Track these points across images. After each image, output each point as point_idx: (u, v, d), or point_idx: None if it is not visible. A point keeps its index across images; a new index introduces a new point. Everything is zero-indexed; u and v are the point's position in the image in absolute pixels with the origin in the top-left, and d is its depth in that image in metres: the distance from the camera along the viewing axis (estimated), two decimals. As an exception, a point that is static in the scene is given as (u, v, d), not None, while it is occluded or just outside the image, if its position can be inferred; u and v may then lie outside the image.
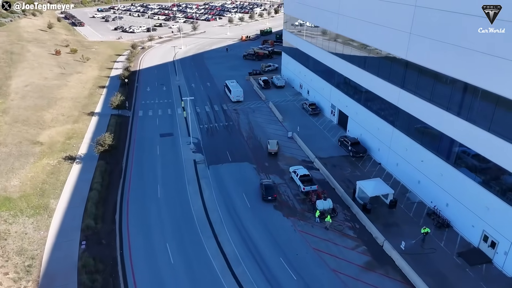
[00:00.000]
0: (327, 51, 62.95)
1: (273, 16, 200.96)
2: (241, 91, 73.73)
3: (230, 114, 68.21)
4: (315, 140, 57.39)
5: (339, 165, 50.60)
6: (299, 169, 46.27)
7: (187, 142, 57.61)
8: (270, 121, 64.98)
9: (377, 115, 50.26)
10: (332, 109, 64.33)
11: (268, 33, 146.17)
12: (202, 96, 78.08)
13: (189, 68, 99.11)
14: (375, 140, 51.25)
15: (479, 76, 33.23)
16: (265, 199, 43.15)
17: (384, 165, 49.71)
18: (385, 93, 47.41)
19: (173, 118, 67.04)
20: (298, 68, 78.42)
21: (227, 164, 51.41)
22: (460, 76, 35.29)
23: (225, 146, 56.47)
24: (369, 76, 50.52)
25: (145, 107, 72.08)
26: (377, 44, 47.87)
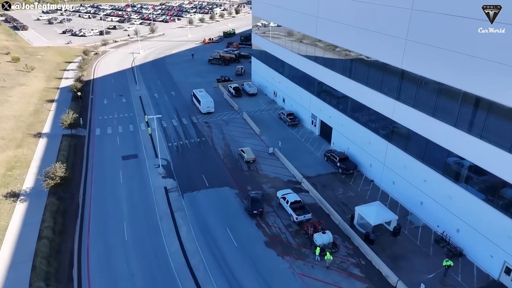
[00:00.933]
0: (305, 56, 57.93)
1: (234, 17, 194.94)
2: (212, 101, 67.15)
3: (201, 128, 61.48)
4: (298, 156, 52.15)
5: (330, 185, 45.63)
6: (289, 195, 40.73)
7: (155, 165, 50.39)
8: (247, 135, 58.99)
9: (367, 128, 45.79)
10: (313, 120, 59.43)
11: (231, 34, 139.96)
12: (168, 107, 70.62)
13: (150, 75, 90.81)
14: (366, 155, 46.78)
15: (488, 87, 29.19)
16: (251, 213, 39.81)
17: (378, 183, 45.35)
18: (378, 105, 42.96)
19: (136, 135, 59.30)
20: (270, 74, 72.97)
21: (204, 190, 44.90)
22: (467, 87, 31.20)
23: (200, 167, 49.84)
24: (357, 86, 45.91)
25: (102, 123, 63.63)
26: (368, 52, 43.26)
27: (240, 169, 49.43)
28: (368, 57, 43.33)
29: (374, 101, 43.56)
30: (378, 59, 41.59)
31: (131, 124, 63.41)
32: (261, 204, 40.69)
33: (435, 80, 34.64)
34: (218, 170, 49.17)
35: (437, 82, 34.47)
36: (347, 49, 46.97)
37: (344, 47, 47.64)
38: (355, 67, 46.20)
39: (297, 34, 59.86)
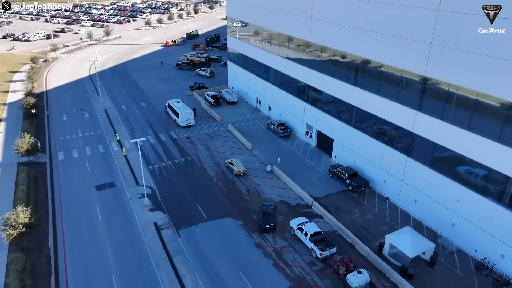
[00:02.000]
0: (296, 62, 52.75)
1: (193, 17, 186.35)
2: (191, 114, 60.13)
3: (183, 145, 54.39)
4: (300, 173, 46.93)
5: (343, 206, 40.80)
6: (306, 225, 35.30)
7: (137, 195, 42.96)
8: (237, 151, 52.80)
9: (379, 140, 41.47)
10: (308, 130, 54.41)
11: (195, 36, 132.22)
12: (140, 122, 62.59)
13: (113, 84, 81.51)
14: (378, 170, 42.47)
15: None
16: (262, 228, 36.63)
17: (395, 201, 41.18)
18: (393, 116, 38.67)
19: (109, 158, 51.13)
20: (252, 80, 67.14)
21: (203, 224, 38.34)
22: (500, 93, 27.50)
23: (192, 194, 43.09)
24: (365, 94, 41.43)
25: (65, 145, 54.56)
26: (381, 58, 38.72)
27: (238, 193, 43.28)
28: (381, 64, 38.84)
29: (388, 112, 39.25)
30: (395, 65, 37.18)
31: (100, 144, 54.90)
32: (274, 217, 37.16)
33: (468, 88, 30.69)
34: (214, 197, 42.71)
35: (471, 90, 30.55)
36: (354, 54, 42.27)
37: (350, 53, 42.90)
38: (362, 74, 41.63)
39: (284, 37, 54.52)
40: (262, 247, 35.15)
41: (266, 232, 36.94)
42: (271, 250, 34.74)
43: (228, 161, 48.20)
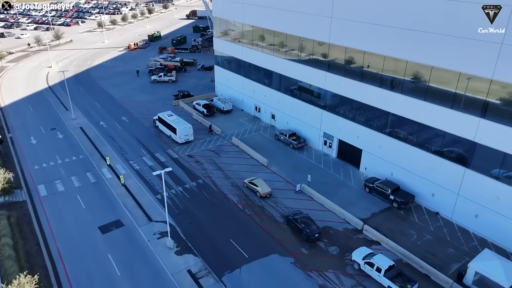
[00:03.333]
0: (310, 66, 47.75)
1: (148, 17, 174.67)
2: (190, 128, 52.89)
3: (189, 166, 47.25)
4: (331, 190, 42.10)
5: (395, 228, 36.55)
6: (376, 258, 30.42)
7: (154, 235, 35.60)
8: (252, 168, 46.77)
9: (427, 151, 37.70)
10: (326, 140, 49.65)
11: (157, 38, 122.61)
12: (128, 140, 54.10)
13: (81, 96, 71.16)
14: (425, 182, 38.75)
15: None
16: (312, 239, 34.18)
17: (447, 216, 37.67)
18: (449, 125, 34.94)
19: (104, 188, 42.81)
20: (249, 86, 61.11)
21: (247, 266, 32.09)
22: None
23: (220, 227, 36.54)
24: (412, 102, 37.43)
25: (44, 176, 45.13)
26: (431, 60, 34.76)
27: (273, 221, 37.45)
28: (431, 67, 34.92)
29: (440, 120, 35.48)
30: (454, 68, 33.35)
31: (87, 171, 46.08)
32: (316, 224, 35.25)
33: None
34: (247, 228, 36.52)
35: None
36: (392, 56, 38.05)
37: (387, 55, 38.61)
38: (403, 78, 37.55)
39: (293, 39, 49.29)
40: (322, 286, 29.73)
41: (312, 242, 33.51)
42: (321, 242, 29.49)
43: (248, 181, 42.21)
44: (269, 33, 53.50)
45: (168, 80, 79.39)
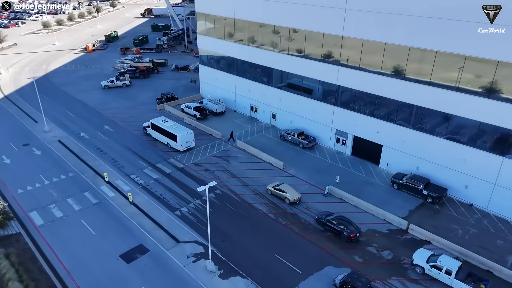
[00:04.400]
0: (320, 61, 45.56)
1: (96, 16, 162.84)
2: (192, 134, 48.39)
3: (199, 175, 42.98)
4: (359, 189, 40.24)
5: (438, 224, 35.39)
6: (442, 260, 28.81)
7: (188, 258, 31.39)
8: (269, 173, 43.62)
9: (457, 142, 37.08)
10: (338, 137, 47.74)
11: (115, 38, 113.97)
12: (120, 151, 48.33)
13: (47, 105, 62.67)
14: (456, 174, 38.11)
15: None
16: (354, 239, 32.54)
17: (482, 207, 37.28)
18: (485, 115, 34.38)
19: (110, 209, 37.39)
20: (243, 85, 57.58)
21: (304, 283, 29.14)
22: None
23: (259, 242, 33.10)
24: (434, 91, 36.46)
25: (34, 201, 38.52)
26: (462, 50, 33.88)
27: (314, 230, 34.72)
28: (465, 56, 34.08)
29: (474, 110, 34.86)
30: (490, 57, 32.69)
31: (85, 191, 40.13)
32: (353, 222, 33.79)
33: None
34: (289, 240, 33.43)
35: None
36: (421, 48, 36.80)
37: (413, 46, 37.29)
38: (432, 68, 36.50)
39: (297, 34, 46.75)
40: (398, 298, 27.69)
41: (362, 248, 29.82)
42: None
43: (272, 187, 39.11)
44: (269, 28, 50.39)
45: (121, 84, 71.91)
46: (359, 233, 33.06)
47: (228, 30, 56.57)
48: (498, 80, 32.89)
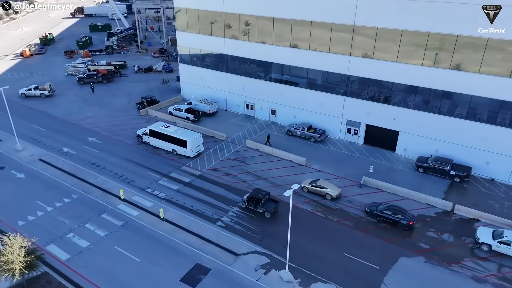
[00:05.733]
0: (328, 52, 44.91)
1: (15, 18, 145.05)
2: (201, 137, 44.75)
3: (223, 181, 39.87)
4: (390, 177, 40.44)
5: (475, 201, 36.75)
6: (508, 234, 29.85)
7: (257, 270, 28.74)
8: (294, 170, 42.03)
9: (478, 121, 39.01)
10: (350, 128, 47.62)
11: (51, 41, 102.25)
12: (120, 164, 42.98)
13: (4, 119, 53.53)
14: (477, 152, 40.03)
15: None
16: (412, 227, 32.63)
17: (504, 180, 39.64)
18: (506, 93, 36.49)
19: (141, 230, 32.94)
20: (236, 82, 54.83)
21: (387, 278, 28.22)
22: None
23: (321, 242, 31.45)
24: (461, 76, 37.97)
25: (45, 232, 32.31)
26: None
27: (367, 223, 33.97)
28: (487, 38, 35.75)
29: (493, 89, 36.79)
30: None
31: (101, 213, 34.84)
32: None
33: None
34: (349, 237, 32.28)
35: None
36: (441, 32, 37.79)
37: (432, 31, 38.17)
38: (452, 52, 37.79)
39: (301, 25, 45.55)
40: (484, 280, 28.01)
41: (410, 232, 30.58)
42: (495, 278, 28.06)
43: (310, 184, 37.61)
44: (266, 20, 48.37)
45: (40, 94, 63.10)
46: (415, 220, 33.04)
47: (216, 24, 53.27)
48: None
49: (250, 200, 34.51)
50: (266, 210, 33.91)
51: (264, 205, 34.06)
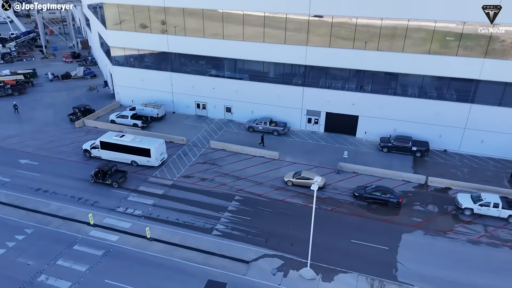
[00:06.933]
0: (283, 44, 44.57)
1: None
2: (163, 144, 40.74)
3: (202, 188, 36.81)
4: (357, 159, 41.75)
5: (440, 172, 39.88)
6: (487, 197, 32.77)
7: (275, 274, 27.06)
8: (269, 166, 40.79)
9: (433, 99, 42.40)
10: (310, 117, 47.99)
11: None
12: (73, 185, 36.91)
13: None
14: (431, 127, 43.44)
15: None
16: (399, 205, 34.05)
17: (455, 150, 43.75)
18: (455, 69, 40.17)
19: (130, 256, 28.56)
20: (183, 82, 51.45)
21: (399, 256, 28.78)
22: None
23: (325, 233, 30.86)
24: (415, 58, 40.73)
25: (9, 281, 25.97)
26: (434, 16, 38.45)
27: (359, 206, 34.44)
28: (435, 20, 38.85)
29: (443, 68, 40.30)
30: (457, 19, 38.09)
31: (71, 245, 29.34)
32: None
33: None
34: (349, 223, 32.32)
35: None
36: (392, 17, 39.94)
37: (385, 17, 40.14)
38: (404, 38, 40.36)
39: (253, 18, 44.41)
40: (478, 241, 30.31)
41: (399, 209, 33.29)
42: (486, 238, 30.57)
43: (294, 178, 36.87)
44: (215, 14, 45.94)
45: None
46: (403, 197, 34.46)
47: (156, 21, 48.98)
48: (464, 40, 38.66)
49: (97, 174, 36.13)
50: (113, 180, 35.90)
51: (112, 177, 36.03)
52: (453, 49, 39.36)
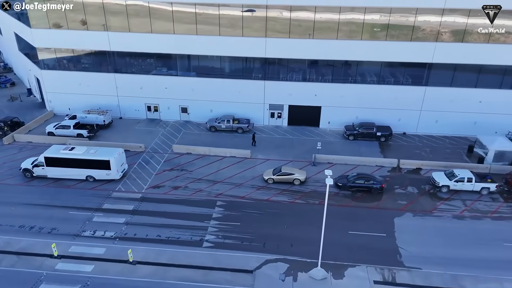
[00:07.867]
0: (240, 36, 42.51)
1: None
2: (123, 153, 36.06)
3: (177, 197, 33.30)
4: (330, 149, 41.49)
5: (406, 153, 41.17)
6: (459, 173, 34.25)
7: (284, 280, 25.16)
8: (243, 165, 38.56)
9: (390, 84, 43.69)
10: (273, 112, 46.58)
11: None
12: (22, 213, 30.90)
13: None
14: (390, 112, 44.74)
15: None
16: (382, 190, 34.18)
17: (413, 132, 45.66)
18: (409, 56, 41.72)
19: (114, 284, 24.45)
20: (129, 83, 46.58)
21: (399, 242, 28.66)
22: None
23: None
24: (372, 45, 41.52)
25: None
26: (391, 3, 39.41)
27: (344, 196, 33.92)
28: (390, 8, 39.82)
29: (398, 54, 41.66)
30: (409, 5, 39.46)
31: (39, 283, 24.19)
32: None
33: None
34: (340, 215, 31.50)
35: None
36: (351, 5, 40.09)
37: (344, 5, 40.12)
38: (362, 28, 40.88)
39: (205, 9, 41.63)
40: (462, 216, 31.47)
41: (392, 193, 33.61)
42: (468, 212, 31.92)
43: (275, 175, 35.14)
44: (163, 6, 42.08)
45: None
46: (385, 182, 34.72)
47: (94, 16, 43.42)
48: (417, 26, 40.21)
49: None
50: None
51: None
52: (407, 35, 40.71)
